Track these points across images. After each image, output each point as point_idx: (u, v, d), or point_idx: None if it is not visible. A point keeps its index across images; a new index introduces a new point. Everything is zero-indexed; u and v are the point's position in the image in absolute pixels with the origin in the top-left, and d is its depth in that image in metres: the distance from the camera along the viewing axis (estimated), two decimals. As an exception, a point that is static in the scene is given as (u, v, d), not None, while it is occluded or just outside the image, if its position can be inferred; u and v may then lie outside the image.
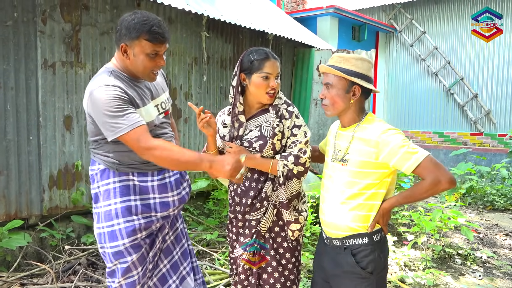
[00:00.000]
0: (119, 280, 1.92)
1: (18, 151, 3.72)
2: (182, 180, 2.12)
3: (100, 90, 1.77)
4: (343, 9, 8.63)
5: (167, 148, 1.76)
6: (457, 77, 9.41)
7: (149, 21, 1.80)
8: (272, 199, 2.06)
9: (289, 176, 1.99)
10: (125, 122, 1.74)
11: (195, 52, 5.31)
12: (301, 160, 2.00)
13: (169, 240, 2.11)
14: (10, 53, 3.63)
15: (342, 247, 1.90)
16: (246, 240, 2.07)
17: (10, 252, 3.62)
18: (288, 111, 2.08)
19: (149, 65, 1.85)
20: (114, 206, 1.90)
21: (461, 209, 6.59)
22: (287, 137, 2.05)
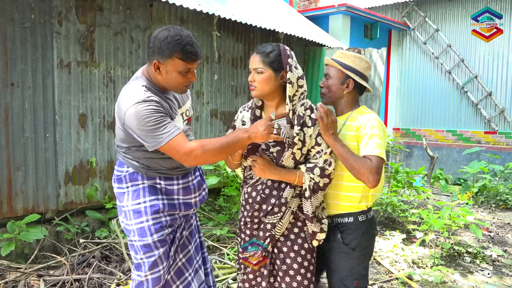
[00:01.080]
0: (146, 273, 2.01)
1: (35, 148, 3.86)
2: (202, 182, 2.24)
3: (139, 106, 1.80)
4: (355, 7, 8.61)
5: (204, 143, 1.81)
6: (470, 75, 9.30)
7: (182, 39, 1.82)
8: (291, 206, 1.99)
9: (315, 190, 1.94)
10: (164, 134, 1.79)
11: (207, 51, 5.39)
12: (327, 172, 1.94)
13: (185, 235, 2.19)
14: (27, 54, 3.76)
15: (332, 224, 2.09)
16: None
17: (27, 244, 3.75)
18: (311, 119, 1.96)
19: (182, 82, 1.91)
20: (144, 205, 2.01)
21: (473, 207, 6.55)
22: (310, 146, 1.96)
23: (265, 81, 1.93)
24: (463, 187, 7.00)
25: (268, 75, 1.92)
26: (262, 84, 1.93)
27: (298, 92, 1.95)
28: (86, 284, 3.11)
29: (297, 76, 1.94)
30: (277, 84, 1.94)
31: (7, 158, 3.69)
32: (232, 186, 4.79)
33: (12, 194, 3.73)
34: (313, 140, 1.95)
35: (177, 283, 2.11)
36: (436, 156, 8.56)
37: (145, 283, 2.02)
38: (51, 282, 3.18)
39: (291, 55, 1.96)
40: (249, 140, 1.83)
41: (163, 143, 1.80)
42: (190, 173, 2.14)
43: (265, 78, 1.92)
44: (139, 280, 2.03)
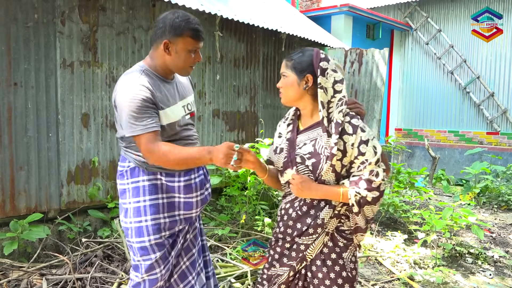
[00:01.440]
0: (143, 276, 2.01)
1: (38, 147, 3.87)
2: (206, 181, 2.18)
3: (129, 88, 1.88)
4: (357, 8, 8.61)
5: (169, 151, 1.85)
6: (473, 76, 9.30)
7: (191, 20, 1.94)
8: (327, 227, 1.83)
9: (362, 204, 1.76)
10: (140, 125, 1.85)
11: (209, 51, 5.40)
12: (374, 184, 1.75)
13: (189, 239, 2.19)
14: (30, 53, 3.78)
15: None
16: (290, 262, 1.89)
17: (30, 243, 3.77)
18: (352, 125, 1.78)
19: (189, 61, 1.98)
20: (143, 204, 2.00)
21: (474, 208, 6.55)
22: (353, 156, 1.77)
23: (288, 86, 1.84)
24: (465, 188, 7.00)
25: (290, 79, 1.84)
26: (285, 89, 1.86)
27: (335, 98, 1.80)
28: (88, 283, 3.12)
29: (332, 80, 1.80)
30: (301, 89, 1.83)
31: (10, 157, 3.70)
32: (234, 186, 4.80)
33: (15, 193, 3.74)
34: (356, 149, 1.76)
35: (180, 286, 2.12)
36: (438, 156, 8.56)
37: (142, 284, 2.02)
38: (53, 281, 3.19)
39: (326, 59, 1.82)
40: (210, 161, 1.84)
41: (135, 133, 1.86)
42: (193, 170, 2.10)
43: (287, 82, 1.85)
44: (137, 281, 2.04)
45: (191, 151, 1.88)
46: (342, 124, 1.77)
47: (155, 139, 1.87)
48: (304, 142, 1.86)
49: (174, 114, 2.01)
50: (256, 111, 6.12)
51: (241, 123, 5.93)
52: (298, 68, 1.82)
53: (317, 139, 1.82)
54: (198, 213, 2.17)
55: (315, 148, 1.81)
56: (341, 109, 1.78)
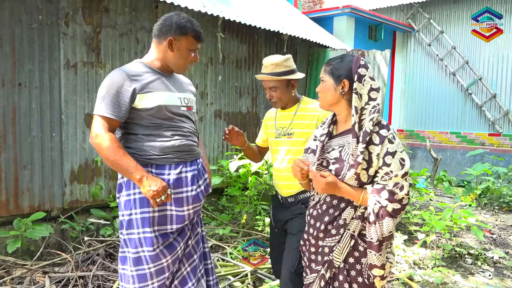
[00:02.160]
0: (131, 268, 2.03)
1: (41, 147, 3.92)
2: (199, 178, 2.15)
3: (113, 71, 2.04)
4: (360, 9, 8.63)
5: (105, 146, 1.91)
6: (475, 77, 9.30)
7: (194, 22, 2.11)
8: (351, 228, 1.81)
9: (381, 215, 1.72)
10: (99, 105, 1.98)
11: (211, 52, 5.45)
12: (397, 196, 1.71)
13: (191, 244, 2.20)
14: (35, 54, 3.83)
15: (296, 201, 2.45)
16: (317, 267, 1.89)
17: (33, 242, 3.82)
18: (379, 135, 1.76)
19: (189, 59, 2.13)
20: (133, 197, 2.03)
21: (476, 209, 6.56)
22: (377, 166, 1.75)
23: (325, 90, 1.88)
24: (467, 189, 7.01)
25: (327, 84, 1.86)
26: (323, 93, 1.89)
27: (369, 106, 1.78)
28: (90, 281, 3.16)
29: (368, 87, 1.80)
30: (337, 94, 1.84)
31: (14, 156, 3.75)
32: (235, 186, 4.84)
33: (18, 192, 3.80)
34: (381, 160, 1.74)
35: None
36: (439, 158, 8.57)
37: (130, 279, 2.03)
38: (56, 278, 3.24)
39: (365, 66, 1.83)
40: (138, 183, 1.93)
41: (93, 111, 2.01)
42: (185, 164, 2.09)
43: (324, 87, 1.88)
44: (126, 274, 2.06)
45: (123, 160, 1.91)
46: (370, 134, 1.75)
47: (105, 125, 1.95)
48: (333, 148, 1.89)
49: (166, 99, 2.05)
50: (258, 112, 6.15)
51: (243, 124, 5.96)
52: (335, 73, 1.85)
53: (344, 145, 1.83)
54: (190, 212, 2.11)
55: (340, 155, 1.83)
56: (372, 117, 1.76)
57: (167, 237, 2.07)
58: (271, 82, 2.39)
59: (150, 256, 2.01)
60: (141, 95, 1.99)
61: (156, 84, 2.05)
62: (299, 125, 2.40)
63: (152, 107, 2.00)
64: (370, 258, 1.78)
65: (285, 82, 2.40)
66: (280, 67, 2.37)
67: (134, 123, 2.04)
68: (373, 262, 1.77)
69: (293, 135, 2.40)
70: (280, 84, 2.39)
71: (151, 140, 2.02)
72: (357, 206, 1.80)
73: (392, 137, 1.78)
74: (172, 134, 2.06)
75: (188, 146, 2.11)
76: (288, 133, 2.42)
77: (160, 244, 2.04)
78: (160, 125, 2.04)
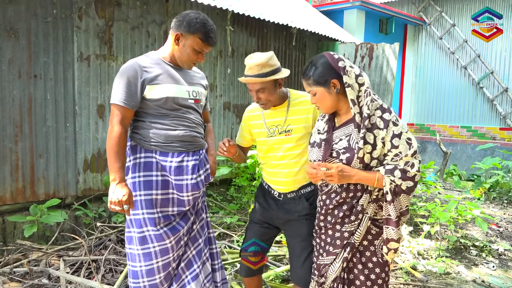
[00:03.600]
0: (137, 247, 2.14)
1: (56, 136, 4.07)
2: (200, 167, 2.21)
3: (127, 63, 2.12)
4: (370, 2, 8.62)
5: (112, 136, 2.03)
6: (487, 71, 9.23)
7: (208, 24, 2.11)
8: (368, 212, 1.91)
9: (397, 192, 1.82)
10: (114, 93, 2.06)
11: (220, 46, 5.53)
12: (409, 174, 1.81)
13: (196, 229, 2.31)
14: (49, 47, 3.96)
15: (297, 196, 2.34)
16: (335, 250, 1.97)
17: (48, 227, 3.97)
18: (383, 120, 1.85)
19: (192, 58, 2.16)
20: (138, 179, 2.14)
21: (484, 203, 6.56)
22: (386, 149, 1.84)
23: (321, 99, 1.93)
24: (476, 183, 7.01)
25: (320, 93, 1.92)
26: (321, 103, 1.95)
27: (361, 92, 1.87)
28: (103, 264, 3.29)
29: (354, 75, 1.87)
30: (334, 95, 1.91)
31: (30, 146, 3.90)
32: (243, 176, 4.94)
33: (34, 179, 3.95)
34: (388, 143, 1.83)
35: (186, 273, 2.24)
36: (449, 151, 8.55)
37: (137, 257, 2.14)
38: (70, 262, 3.39)
39: (341, 58, 1.90)
40: (111, 181, 2.02)
41: (111, 101, 2.08)
42: (187, 153, 2.17)
43: (319, 97, 1.93)
44: (132, 253, 2.16)
45: (116, 160, 2.03)
46: (368, 117, 1.83)
47: (119, 117, 2.06)
48: (340, 138, 1.94)
49: (173, 90, 2.13)
50: (267, 104, 6.22)
51: (252, 116, 6.03)
52: (320, 80, 1.90)
53: (351, 134, 1.89)
54: (190, 199, 2.19)
55: (349, 143, 1.89)
56: (367, 100, 1.85)
57: (168, 218, 2.18)
58: (257, 84, 2.22)
59: (155, 235, 2.13)
60: (150, 86, 2.08)
61: (165, 76, 2.14)
62: (295, 120, 2.29)
63: (159, 98, 2.10)
64: (388, 233, 1.86)
65: (272, 82, 2.23)
66: (266, 67, 2.19)
67: (143, 111, 2.14)
68: (390, 236, 1.86)
69: (292, 131, 2.29)
70: (267, 85, 2.22)
71: (157, 128, 2.12)
72: (371, 190, 1.89)
73: (396, 120, 1.86)
74: (178, 124, 2.15)
75: (191, 137, 2.19)
76: (285, 131, 2.30)
77: (163, 224, 2.15)
78: (166, 115, 2.13)
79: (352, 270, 1.98)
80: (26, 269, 3.20)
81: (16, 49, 3.75)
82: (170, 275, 2.21)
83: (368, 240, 1.95)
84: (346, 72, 1.86)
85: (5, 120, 3.74)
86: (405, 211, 1.88)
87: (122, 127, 2.06)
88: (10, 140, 3.78)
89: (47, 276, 3.16)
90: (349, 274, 1.98)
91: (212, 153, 2.40)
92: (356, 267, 1.96)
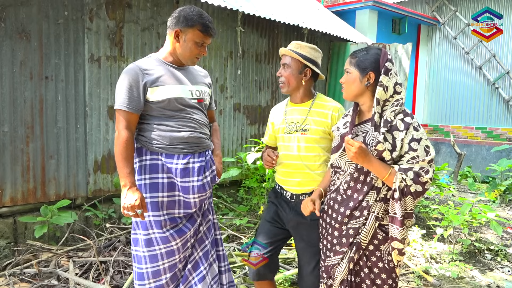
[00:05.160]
0: (143, 250, 2.13)
1: (67, 137, 4.09)
2: (206, 169, 2.20)
3: (128, 67, 2.11)
4: (383, 2, 8.53)
5: (120, 142, 2.03)
6: (502, 71, 9.05)
7: (204, 16, 2.12)
8: (374, 210, 1.90)
9: (405, 192, 1.81)
10: (117, 99, 2.07)
11: (231, 47, 5.52)
12: (422, 179, 1.81)
13: (202, 230, 2.29)
14: (61, 49, 3.99)
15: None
16: (342, 249, 1.97)
17: (59, 228, 4.00)
18: (404, 122, 1.85)
19: (195, 52, 2.15)
20: (144, 182, 2.14)
21: (500, 206, 6.43)
22: (403, 151, 1.84)
23: (350, 82, 1.95)
24: (491, 185, 6.87)
25: (352, 76, 1.94)
26: (348, 85, 1.97)
27: (393, 98, 1.89)
28: (112, 265, 3.30)
29: (394, 81, 1.89)
30: (363, 86, 1.93)
31: (41, 147, 3.93)
32: (253, 178, 4.91)
33: (45, 180, 3.98)
34: (406, 145, 1.83)
35: (193, 275, 2.23)
36: (463, 153, 8.40)
37: (143, 259, 2.14)
38: (79, 262, 3.40)
39: (391, 60, 1.91)
40: (122, 187, 2.03)
41: (115, 107, 2.08)
42: (193, 155, 2.16)
43: (349, 78, 1.95)
44: (138, 255, 2.16)
45: (125, 166, 2.03)
46: (391, 122, 1.85)
47: (124, 122, 2.05)
48: (356, 134, 1.98)
49: (174, 91, 2.12)
50: (277, 105, 6.19)
51: (262, 117, 6.02)
52: (361, 65, 1.92)
53: (368, 131, 1.91)
54: (196, 201, 2.17)
55: (364, 140, 1.91)
56: (395, 109, 1.86)
57: (175, 221, 2.17)
58: (286, 57, 2.30)
59: (160, 237, 2.11)
60: (152, 88, 2.07)
61: (167, 77, 2.12)
62: (314, 121, 2.28)
63: (162, 99, 2.08)
64: (392, 232, 1.85)
65: (299, 65, 2.27)
66: (303, 49, 2.27)
67: (147, 114, 2.13)
68: (394, 235, 1.85)
69: (308, 131, 2.28)
70: (293, 63, 2.27)
71: (162, 130, 2.11)
72: (379, 188, 1.88)
73: (417, 125, 1.87)
74: (183, 126, 2.13)
75: (197, 138, 2.17)
76: (302, 129, 2.29)
77: (169, 226, 2.14)
78: (171, 116, 2.12)
79: (358, 273, 1.98)
80: (36, 270, 3.21)
81: (28, 50, 3.79)
82: (176, 276, 2.20)
83: (374, 245, 1.94)
84: (388, 73, 1.88)
85: (17, 121, 3.78)
86: (410, 214, 1.86)
87: (129, 131, 2.05)
88: (21, 141, 3.82)
89: (56, 277, 3.18)
90: (356, 277, 1.99)
91: (218, 153, 2.38)
92: (362, 270, 1.97)
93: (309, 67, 2.28)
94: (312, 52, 2.30)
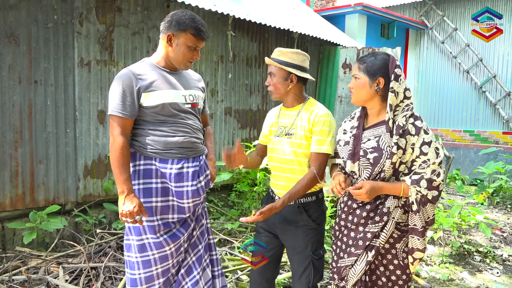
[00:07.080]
0: (136, 255, 2.12)
1: (56, 142, 4.05)
2: (200, 174, 2.19)
3: (121, 72, 2.10)
4: (372, 7, 8.62)
5: (115, 148, 2.02)
6: (489, 75, 9.19)
7: (197, 19, 2.14)
8: (395, 217, 1.93)
9: (423, 202, 1.87)
10: (111, 105, 2.06)
11: (221, 51, 5.52)
12: (435, 183, 1.86)
13: (196, 235, 2.28)
14: (50, 53, 3.96)
15: (296, 205, 2.25)
16: (357, 251, 1.99)
17: (48, 234, 3.95)
18: (415, 126, 1.90)
19: (187, 56, 2.14)
20: (138, 187, 2.12)
21: (488, 208, 6.51)
22: (414, 155, 1.89)
23: (359, 87, 1.98)
24: (479, 187, 6.96)
25: (361, 81, 1.97)
26: (357, 90, 2.00)
27: (403, 103, 1.94)
28: (102, 271, 3.26)
29: (404, 87, 1.94)
30: (372, 91, 1.96)
31: (30, 151, 3.89)
32: (244, 182, 4.91)
33: (34, 186, 3.93)
34: (417, 149, 1.88)
35: (186, 280, 2.21)
36: (452, 156, 8.48)
37: (135, 264, 2.12)
38: (69, 269, 3.36)
39: (400, 66, 1.96)
40: (119, 194, 2.01)
41: (108, 111, 2.08)
42: (187, 160, 2.15)
43: (359, 84, 1.98)
44: (131, 260, 2.14)
45: (121, 172, 2.01)
46: (403, 127, 1.90)
47: (118, 128, 2.04)
48: (368, 138, 1.99)
49: (168, 96, 2.11)
50: (268, 109, 6.20)
51: (253, 121, 6.03)
52: (370, 71, 1.96)
53: (381, 136, 1.94)
54: (190, 205, 2.17)
55: (378, 144, 1.94)
56: (406, 113, 1.91)
57: (169, 226, 2.15)
58: (271, 67, 2.30)
59: (154, 243, 2.10)
60: (146, 93, 2.07)
61: (160, 82, 2.12)
62: (300, 126, 2.27)
63: (156, 105, 2.08)
64: (413, 243, 1.91)
65: (283, 72, 2.26)
66: (285, 56, 2.26)
67: (141, 119, 2.12)
68: (415, 246, 1.92)
69: (293, 135, 2.27)
70: (277, 71, 2.27)
71: (156, 135, 2.10)
72: (399, 197, 1.92)
73: (427, 128, 1.92)
74: (176, 131, 2.12)
75: (191, 143, 2.17)
76: (289, 133, 2.29)
77: (162, 232, 2.12)
78: (164, 121, 2.11)
79: (374, 271, 2.01)
80: (25, 277, 3.17)
81: (17, 55, 3.75)
82: (169, 280, 2.19)
83: (390, 243, 1.98)
84: (398, 79, 1.92)
85: (5, 126, 3.73)
86: (431, 220, 1.92)
87: (124, 137, 2.04)
88: (10, 146, 3.77)
89: (46, 284, 3.13)
90: (371, 276, 2.01)
91: (212, 157, 2.37)
92: (378, 268, 2.00)
93: (293, 73, 2.27)
94: (295, 57, 2.27)
